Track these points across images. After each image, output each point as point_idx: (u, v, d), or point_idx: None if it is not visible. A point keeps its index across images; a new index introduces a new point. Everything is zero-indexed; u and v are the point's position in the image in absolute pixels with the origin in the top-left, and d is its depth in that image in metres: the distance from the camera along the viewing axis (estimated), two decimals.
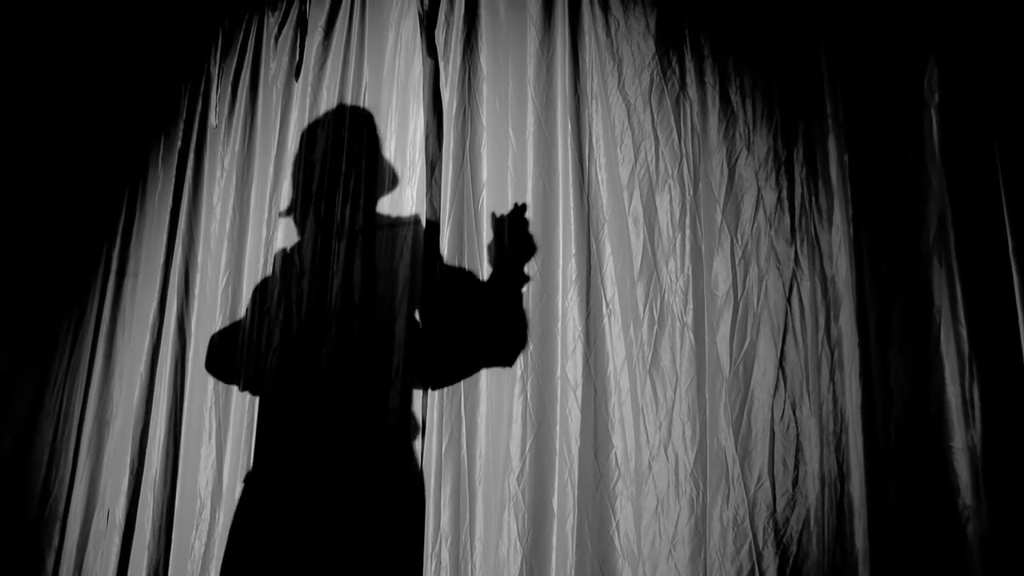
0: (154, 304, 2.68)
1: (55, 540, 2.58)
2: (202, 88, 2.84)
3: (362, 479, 2.10)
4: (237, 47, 2.80)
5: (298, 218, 2.44)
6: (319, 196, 2.41)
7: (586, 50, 2.17)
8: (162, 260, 2.71)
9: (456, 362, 2.12)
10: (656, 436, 1.88)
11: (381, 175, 2.37)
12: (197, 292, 2.62)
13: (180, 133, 2.84)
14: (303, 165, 2.49)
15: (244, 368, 2.41)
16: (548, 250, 2.09)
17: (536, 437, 1.97)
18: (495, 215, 2.17)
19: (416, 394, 2.13)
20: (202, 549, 2.31)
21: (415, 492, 2.05)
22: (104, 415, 2.68)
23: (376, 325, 2.21)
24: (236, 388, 2.42)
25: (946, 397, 1.63)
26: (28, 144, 3.01)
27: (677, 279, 1.95)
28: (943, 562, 1.57)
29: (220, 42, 2.85)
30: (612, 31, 2.15)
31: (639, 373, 1.93)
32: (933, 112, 1.78)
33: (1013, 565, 1.53)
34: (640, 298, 1.97)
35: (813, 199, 1.87)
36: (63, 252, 2.92)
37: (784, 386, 1.79)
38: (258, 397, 2.35)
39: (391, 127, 2.41)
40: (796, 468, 1.74)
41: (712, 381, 1.85)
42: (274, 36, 2.72)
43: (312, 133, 2.51)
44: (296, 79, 2.62)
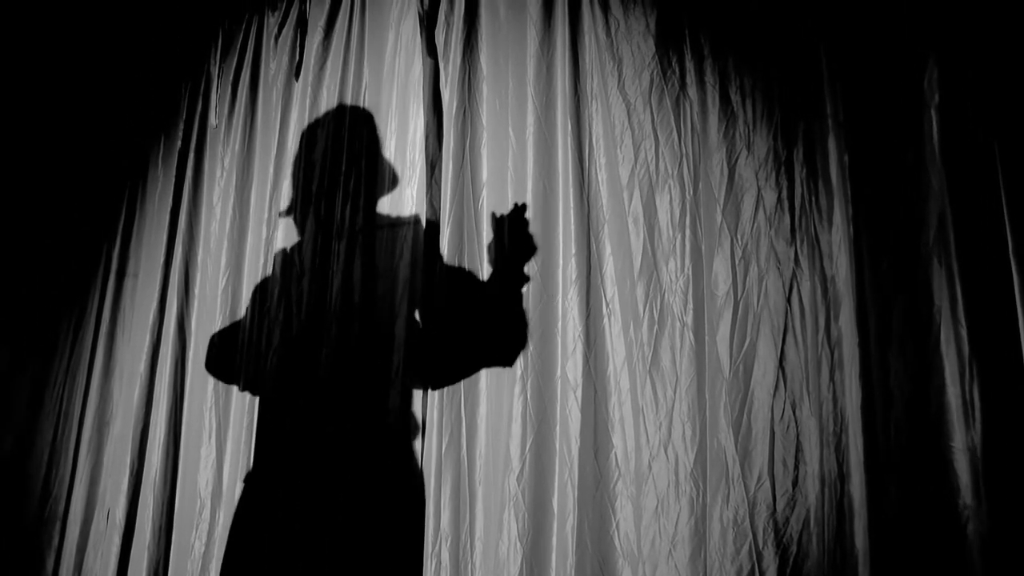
0: (154, 304, 2.68)
1: (55, 540, 2.58)
2: (202, 88, 2.84)
3: (362, 479, 2.10)
4: (237, 47, 2.80)
5: (298, 218, 2.44)
6: (319, 196, 2.41)
7: (586, 50, 2.17)
8: (162, 260, 2.71)
9: (456, 362, 2.12)
10: (656, 436, 1.88)
11: (381, 175, 2.37)
12: (197, 292, 2.62)
13: (180, 133, 2.84)
14: (303, 165, 2.49)
15: (244, 368, 2.40)
16: (548, 250, 2.09)
17: (536, 437, 1.97)
18: (495, 215, 2.17)
19: (416, 394, 2.13)
20: (202, 549, 2.31)
21: (415, 492, 2.05)
22: (104, 415, 2.68)
23: (376, 325, 2.21)
24: (236, 388, 2.42)
25: (946, 397, 1.63)
26: (28, 144, 3.01)
27: (677, 279, 1.95)
28: (943, 562, 1.57)
29: (220, 42, 2.85)
30: (612, 31, 2.15)
31: (639, 373, 1.93)
32: (933, 112, 1.78)
33: (1014, 565, 1.52)
34: (640, 298, 1.97)
35: (813, 199, 1.87)
36: (63, 252, 2.92)
37: (784, 386, 1.79)
38: (258, 397, 2.35)
39: (391, 127, 2.41)
40: (796, 468, 1.74)
41: (712, 381, 1.85)
42: (274, 36, 2.72)
43: (312, 133, 2.51)
44: (296, 79, 2.62)
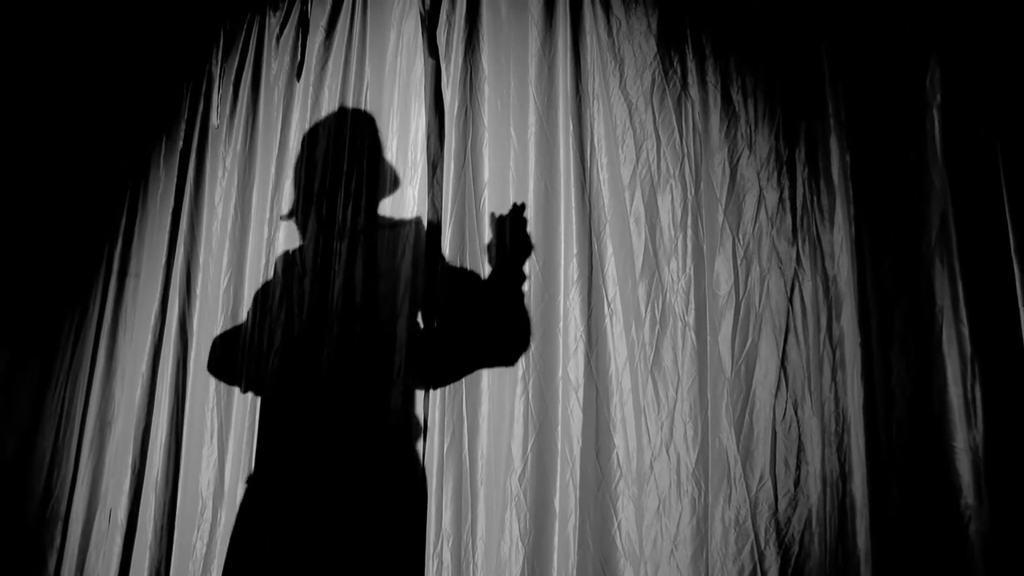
0: (156, 304, 2.68)
1: (57, 540, 2.59)
2: (204, 88, 2.85)
3: (364, 479, 2.10)
4: (239, 47, 2.80)
5: (299, 218, 2.44)
6: (321, 196, 2.41)
7: (588, 50, 2.17)
8: (164, 260, 2.72)
9: (458, 362, 2.12)
10: (658, 436, 1.88)
11: (383, 175, 2.37)
12: (199, 292, 2.62)
13: (182, 133, 2.84)
14: (305, 165, 2.49)
15: (246, 369, 2.40)
16: (550, 250, 2.09)
17: (538, 437, 1.97)
18: (493, 215, 2.17)
19: (418, 394, 2.13)
20: (204, 549, 2.31)
21: (417, 492, 2.05)
22: (106, 415, 2.68)
23: (378, 325, 2.21)
24: (238, 389, 2.42)
25: (948, 397, 1.62)
26: (30, 144, 3.01)
27: (679, 279, 1.95)
28: (945, 562, 1.57)
29: (222, 42, 2.85)
30: (614, 31, 2.15)
31: (641, 373, 1.93)
32: (935, 112, 1.77)
33: (1015, 565, 1.52)
34: (642, 298, 1.97)
35: (815, 199, 1.87)
36: (64, 252, 2.92)
37: (786, 386, 1.79)
38: (260, 397, 2.35)
39: (393, 127, 2.41)
40: (798, 468, 1.74)
41: (714, 381, 1.85)
42: (276, 36, 2.72)
43: (313, 133, 2.51)
44: (298, 79, 2.62)
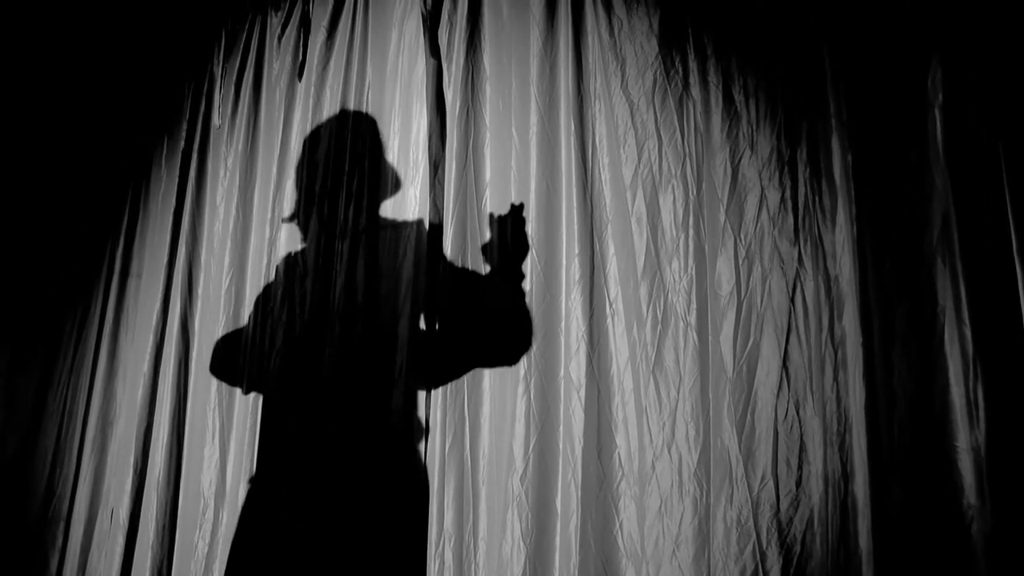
0: (157, 304, 2.67)
1: (59, 540, 2.59)
2: (205, 88, 2.84)
3: (365, 479, 2.10)
4: (240, 47, 2.80)
5: (301, 219, 2.44)
6: (322, 196, 2.41)
7: (589, 50, 2.17)
8: (165, 260, 2.71)
9: (460, 361, 2.12)
10: (660, 436, 1.88)
11: (384, 175, 2.37)
12: (200, 292, 2.61)
13: (183, 133, 2.84)
14: (306, 165, 2.49)
15: (247, 369, 2.40)
16: (551, 250, 2.09)
17: (540, 437, 1.97)
18: (492, 215, 2.17)
19: (419, 394, 2.13)
20: (205, 549, 2.31)
21: (418, 492, 2.05)
22: (108, 415, 2.68)
23: (379, 325, 2.21)
24: (240, 390, 2.42)
25: (950, 397, 1.63)
26: (32, 145, 3.01)
27: (680, 279, 1.95)
28: (947, 562, 1.57)
29: (223, 42, 2.85)
30: (615, 31, 2.15)
31: (642, 373, 1.93)
32: (937, 112, 1.77)
33: (1017, 565, 1.52)
34: (644, 298, 1.97)
35: (817, 199, 1.87)
36: (66, 252, 2.92)
37: (788, 386, 1.79)
38: (262, 397, 2.35)
39: (394, 127, 2.41)
40: (800, 468, 1.74)
41: (716, 381, 1.85)
42: (277, 36, 2.72)
43: (315, 133, 2.51)
44: (299, 79, 2.62)
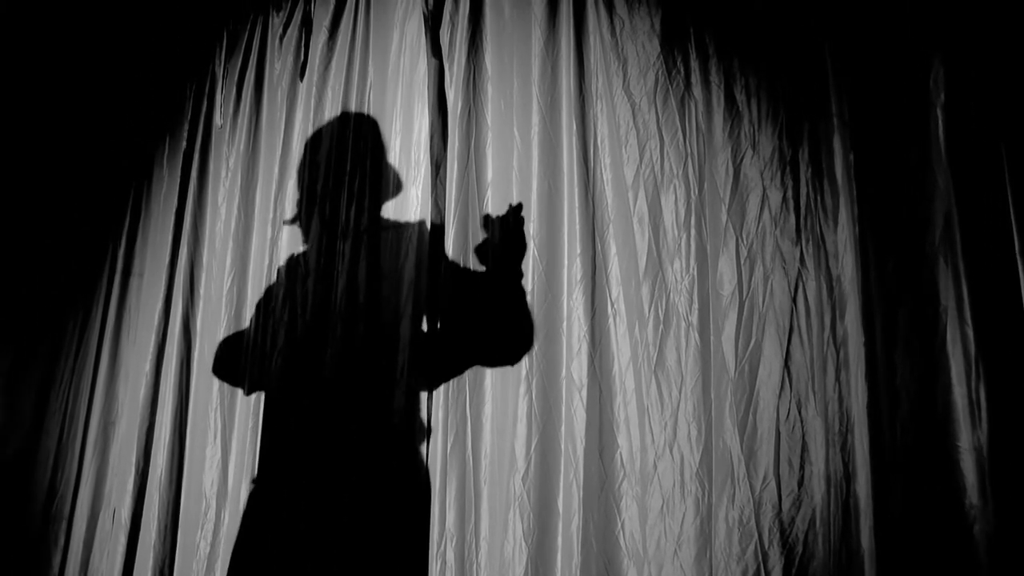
0: (159, 304, 2.68)
1: (61, 539, 2.59)
2: (207, 88, 2.85)
3: (367, 480, 2.10)
4: (242, 47, 2.80)
5: (303, 219, 2.44)
6: (324, 197, 2.41)
7: (591, 50, 2.17)
8: (167, 260, 2.72)
9: (461, 360, 2.12)
10: (661, 436, 1.88)
11: (386, 176, 2.37)
12: (202, 292, 2.62)
13: (185, 133, 2.85)
14: (308, 165, 2.49)
15: (249, 370, 2.41)
16: (553, 250, 2.08)
17: (541, 437, 1.97)
18: (488, 216, 2.17)
19: (421, 395, 2.13)
20: (207, 549, 2.31)
21: (420, 492, 2.05)
22: (110, 415, 2.68)
23: (381, 326, 2.21)
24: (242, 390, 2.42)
25: (952, 397, 1.62)
26: (34, 145, 3.01)
27: (682, 279, 1.95)
28: (950, 562, 1.57)
29: (225, 43, 2.85)
30: (617, 31, 2.15)
31: (644, 373, 1.93)
32: (939, 111, 1.77)
33: (1020, 566, 1.52)
34: (645, 298, 1.97)
35: (818, 199, 1.87)
36: (68, 252, 2.92)
37: (790, 386, 1.79)
38: (264, 398, 2.35)
39: (396, 127, 2.41)
40: (802, 468, 1.74)
41: (717, 381, 1.84)
42: (279, 36, 2.72)
43: (317, 133, 2.51)
44: (301, 79, 2.62)
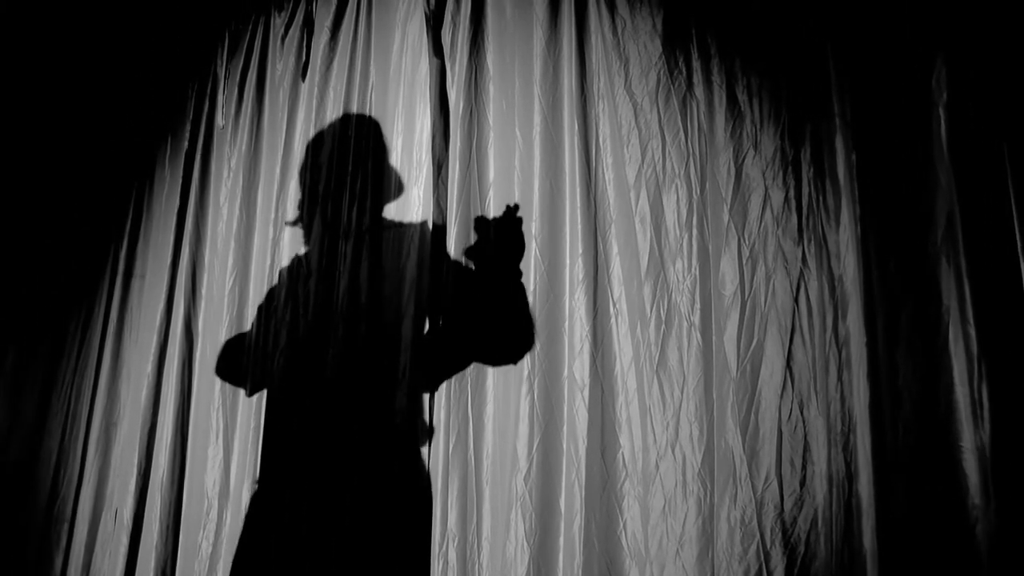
0: (161, 304, 2.68)
1: (63, 540, 2.59)
2: (209, 89, 2.85)
3: (369, 480, 2.10)
4: (244, 48, 2.80)
5: (304, 219, 2.44)
6: (326, 197, 2.41)
7: (593, 50, 2.17)
8: (169, 260, 2.72)
9: (463, 359, 2.12)
10: (663, 436, 1.88)
11: (388, 175, 2.37)
12: (204, 292, 2.62)
13: (187, 134, 2.85)
14: (310, 166, 2.49)
15: (251, 370, 2.41)
16: (555, 250, 2.08)
17: (543, 437, 1.97)
18: (481, 219, 2.17)
19: (423, 395, 2.13)
20: (209, 549, 2.32)
21: (422, 492, 2.05)
22: (112, 415, 2.68)
23: (383, 326, 2.21)
24: (244, 391, 2.42)
25: (955, 397, 1.62)
26: (36, 145, 3.02)
27: (684, 279, 1.95)
28: (952, 562, 1.56)
29: (227, 43, 2.85)
30: (619, 31, 2.15)
31: (646, 373, 1.93)
32: (941, 111, 1.77)
33: (1022, 566, 1.52)
34: (647, 298, 1.97)
35: (820, 198, 1.87)
36: (70, 253, 2.92)
37: (792, 386, 1.79)
38: (265, 398, 2.35)
39: (397, 127, 2.41)
40: (804, 468, 1.74)
41: (719, 381, 1.84)
42: (281, 37, 2.73)
43: (319, 133, 2.51)
44: (303, 79, 2.62)
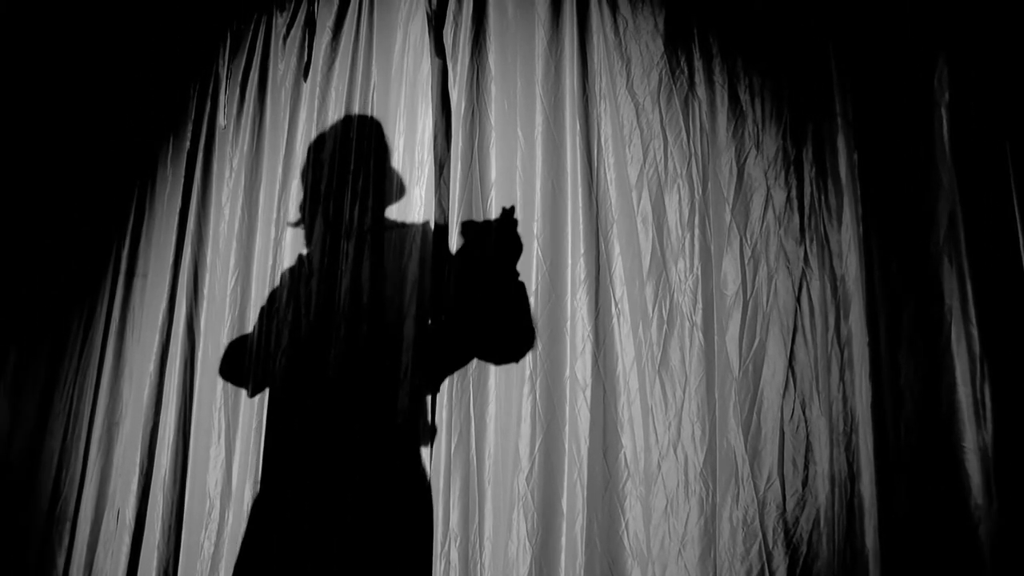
0: (163, 304, 2.68)
1: (65, 540, 2.59)
2: (211, 89, 2.85)
3: (371, 479, 2.10)
4: (245, 48, 2.80)
5: (306, 219, 2.44)
6: (328, 197, 2.41)
7: (594, 50, 2.17)
8: (171, 260, 2.72)
9: (464, 358, 2.12)
10: (665, 436, 1.88)
11: (389, 175, 2.37)
12: (206, 292, 2.62)
13: (189, 134, 2.85)
14: (312, 165, 2.49)
15: (253, 370, 2.41)
16: (556, 250, 2.08)
17: (545, 437, 1.97)
18: (469, 222, 2.18)
19: (425, 395, 2.13)
20: (211, 549, 2.32)
21: (424, 492, 2.05)
22: (114, 415, 2.68)
23: (385, 326, 2.21)
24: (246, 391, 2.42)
25: (957, 397, 1.62)
26: (37, 146, 3.02)
27: (686, 279, 1.95)
28: (954, 562, 1.56)
29: (228, 43, 2.85)
30: (620, 30, 2.15)
31: (648, 373, 1.93)
32: (943, 110, 1.77)
33: None
34: (649, 298, 1.97)
35: (822, 198, 1.87)
36: (72, 253, 2.93)
37: (794, 386, 1.79)
38: (267, 398, 2.36)
39: (399, 127, 2.41)
40: (806, 468, 1.74)
41: (721, 381, 1.84)
42: (282, 37, 2.73)
43: (320, 134, 2.51)
44: (304, 79, 2.62)
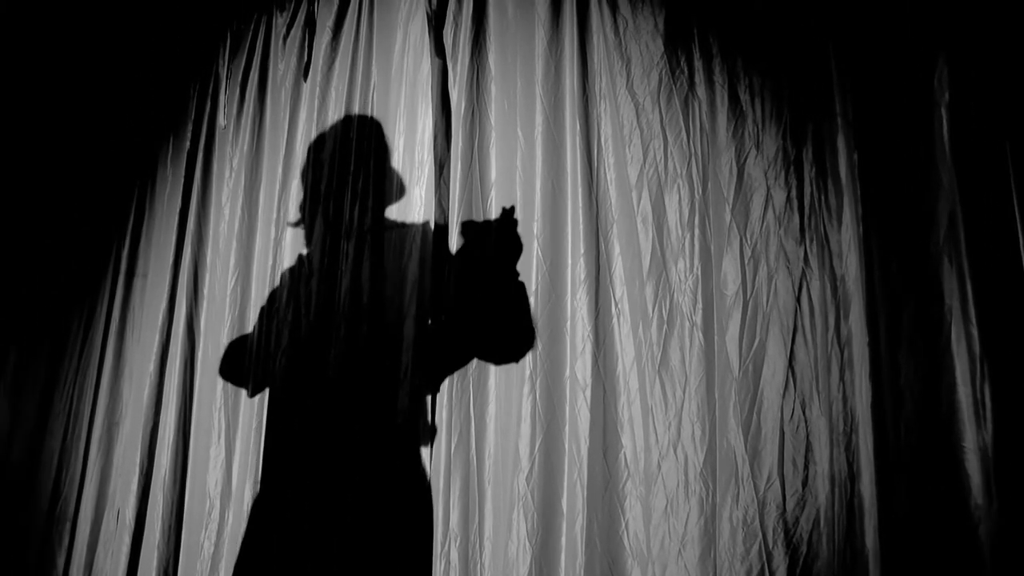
0: (163, 304, 2.68)
1: (65, 540, 2.59)
2: (211, 89, 2.85)
3: (371, 480, 2.10)
4: (245, 48, 2.80)
5: (306, 219, 2.44)
6: (328, 196, 2.41)
7: (594, 50, 2.17)
8: (171, 260, 2.72)
9: (464, 357, 2.12)
10: (665, 436, 1.88)
11: (390, 175, 2.37)
12: (206, 292, 2.62)
13: (189, 134, 2.85)
14: (312, 165, 2.49)
15: (253, 370, 2.41)
16: (557, 250, 2.08)
17: (545, 437, 1.97)
18: (469, 222, 2.18)
19: (425, 395, 2.13)
20: (211, 549, 2.32)
21: (424, 492, 2.05)
22: (114, 415, 2.69)
23: (385, 326, 2.21)
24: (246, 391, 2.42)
25: (957, 397, 1.62)
26: (37, 146, 3.02)
27: (686, 279, 1.95)
28: (954, 562, 1.56)
29: (228, 43, 2.85)
30: (620, 30, 2.15)
31: (648, 373, 1.93)
32: (943, 110, 1.77)
33: None
34: (649, 298, 1.97)
35: (823, 198, 1.87)
36: (72, 253, 2.93)
37: (794, 386, 1.79)
38: (267, 398, 2.36)
39: (399, 127, 2.41)
40: (806, 468, 1.74)
41: (721, 381, 1.84)
42: (282, 37, 2.73)
43: (320, 134, 2.51)
44: (304, 79, 2.62)
